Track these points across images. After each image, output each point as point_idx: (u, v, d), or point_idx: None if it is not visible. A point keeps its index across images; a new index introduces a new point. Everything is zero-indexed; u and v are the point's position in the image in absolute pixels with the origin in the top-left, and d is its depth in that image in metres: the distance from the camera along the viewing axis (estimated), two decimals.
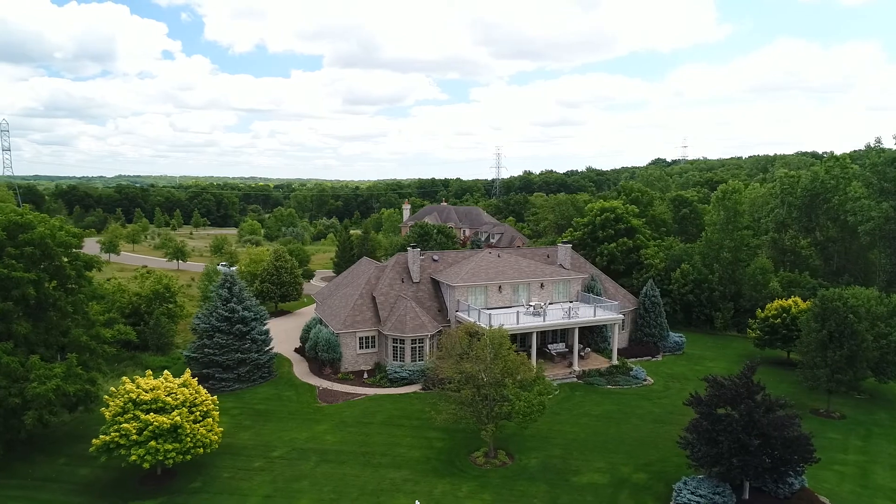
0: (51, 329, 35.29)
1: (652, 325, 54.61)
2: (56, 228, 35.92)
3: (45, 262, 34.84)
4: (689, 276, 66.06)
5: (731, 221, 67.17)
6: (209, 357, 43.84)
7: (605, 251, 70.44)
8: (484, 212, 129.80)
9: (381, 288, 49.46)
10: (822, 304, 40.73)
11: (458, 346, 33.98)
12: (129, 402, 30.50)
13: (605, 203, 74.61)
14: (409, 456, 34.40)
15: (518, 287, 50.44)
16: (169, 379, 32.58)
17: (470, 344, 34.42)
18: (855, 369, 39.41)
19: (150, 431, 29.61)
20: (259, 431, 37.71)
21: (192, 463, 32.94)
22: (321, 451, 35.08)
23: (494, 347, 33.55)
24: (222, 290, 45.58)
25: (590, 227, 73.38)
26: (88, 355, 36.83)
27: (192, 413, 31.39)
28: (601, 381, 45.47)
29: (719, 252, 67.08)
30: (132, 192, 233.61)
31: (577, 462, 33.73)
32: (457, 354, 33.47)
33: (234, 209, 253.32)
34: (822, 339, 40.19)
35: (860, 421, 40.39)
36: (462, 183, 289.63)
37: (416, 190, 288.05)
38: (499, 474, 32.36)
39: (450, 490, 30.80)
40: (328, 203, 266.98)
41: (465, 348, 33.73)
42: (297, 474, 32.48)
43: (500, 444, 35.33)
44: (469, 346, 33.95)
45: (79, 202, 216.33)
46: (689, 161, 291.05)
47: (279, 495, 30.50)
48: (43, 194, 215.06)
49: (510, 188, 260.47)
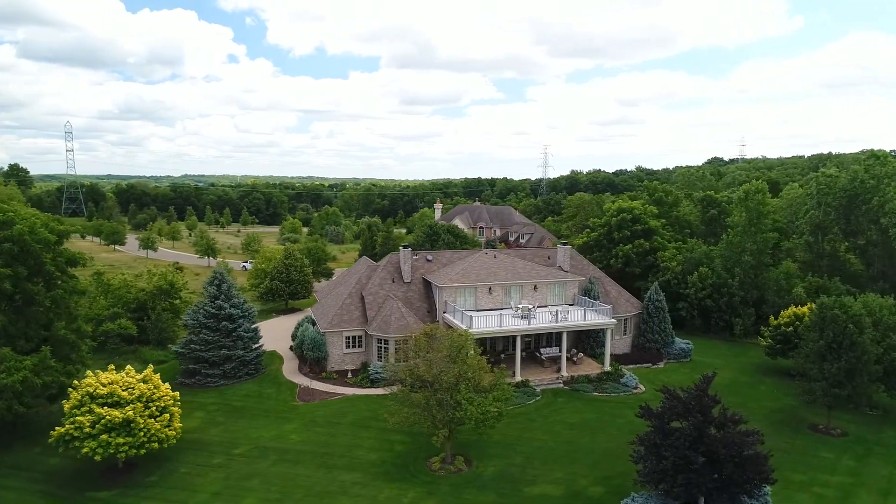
0: (31, 322, 36.59)
1: (655, 331, 52.37)
2: (37, 226, 37.07)
3: (27, 258, 36.05)
4: (707, 280, 63.19)
5: (755, 223, 63.75)
6: (195, 353, 44.66)
7: (620, 253, 68.20)
8: (516, 212, 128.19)
9: (371, 287, 49.27)
10: (821, 311, 38.00)
11: (413, 348, 33.31)
12: (87, 395, 31.29)
13: (622, 203, 72.23)
14: (366, 458, 34.01)
15: (510, 289, 49.27)
16: (130, 374, 33.25)
17: (430, 346, 33.72)
18: (854, 383, 36.52)
19: (103, 425, 30.29)
20: (229, 428, 38.10)
21: (155, 457, 33.62)
22: (282, 450, 35.11)
23: (454, 351, 32.76)
24: (211, 287, 46.37)
25: (606, 227, 71.25)
26: (68, 348, 37.99)
27: (147, 408, 31.91)
28: (588, 388, 43.87)
29: (741, 255, 63.80)
30: (186, 191, 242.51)
31: (536, 472, 32.54)
32: (412, 357, 32.78)
33: (282, 208, 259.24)
34: (818, 349, 37.50)
35: (862, 439, 37.45)
36: (508, 182, 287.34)
37: (463, 189, 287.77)
38: (450, 481, 31.55)
39: (395, 495, 30.22)
40: (375, 202, 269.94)
41: (418, 351, 33.04)
42: (251, 472, 32.59)
43: (462, 450, 34.51)
44: (428, 349, 33.24)
45: (137, 200, 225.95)
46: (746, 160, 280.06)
47: (227, 493, 30.66)
48: (104, 192, 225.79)
49: (556, 188, 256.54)
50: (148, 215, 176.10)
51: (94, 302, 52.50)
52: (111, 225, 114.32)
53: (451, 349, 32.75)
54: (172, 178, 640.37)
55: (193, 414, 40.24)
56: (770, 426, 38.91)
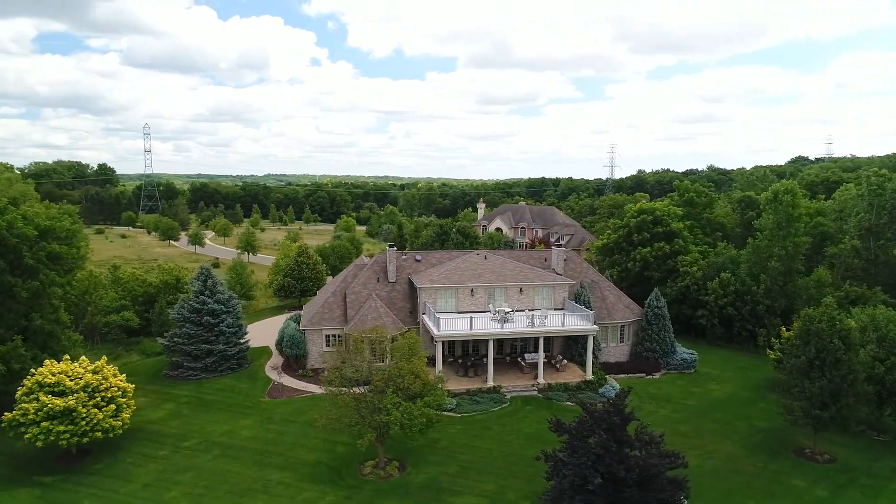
0: (9, 312, 38.70)
1: (653, 339, 49.43)
2: (17, 222, 38.99)
3: (6, 252, 38.10)
4: (729, 287, 59.22)
5: (784, 227, 59.14)
6: (178, 346, 46.00)
7: (638, 256, 64.96)
8: (560, 212, 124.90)
9: (355, 287, 49.12)
10: (804, 324, 34.55)
11: (344, 350, 32.79)
12: (36, 383, 32.71)
13: (644, 204, 68.81)
14: (304, 458, 33.83)
15: (494, 291, 47.83)
16: (84, 364, 34.51)
17: (372, 349, 33.12)
18: (840, 405, 32.91)
19: (45, 413, 31.56)
20: (189, 421, 38.92)
21: (108, 445, 34.86)
22: (228, 445, 35.49)
23: (391, 353, 32.07)
24: (197, 282, 47.62)
25: (625, 229, 68.09)
26: (46, 338, 39.98)
27: (92, 398, 32.99)
28: (562, 397, 41.88)
29: (768, 261, 59.35)
30: (254, 190, 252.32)
31: (467, 482, 31.29)
32: (341, 359, 32.31)
33: (346, 206, 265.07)
34: (800, 365, 34.12)
35: (850, 467, 33.72)
36: (571, 182, 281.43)
37: (526, 189, 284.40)
38: (375, 487, 30.84)
39: (314, 498, 29.85)
40: (436, 202, 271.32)
41: (346, 353, 32.50)
42: (188, 466, 33.11)
43: (401, 456, 33.72)
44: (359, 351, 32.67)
45: (209, 198, 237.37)
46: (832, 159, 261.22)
47: (157, 485, 31.24)
48: (178, 191, 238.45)
49: (621, 188, 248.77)
50: (212, 213, 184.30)
51: (105, 294, 55.20)
52: (166, 221, 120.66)
53: (388, 353, 32.00)
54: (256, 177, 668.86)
55: (163, 405, 41.49)
56: (748, 447, 35.90)
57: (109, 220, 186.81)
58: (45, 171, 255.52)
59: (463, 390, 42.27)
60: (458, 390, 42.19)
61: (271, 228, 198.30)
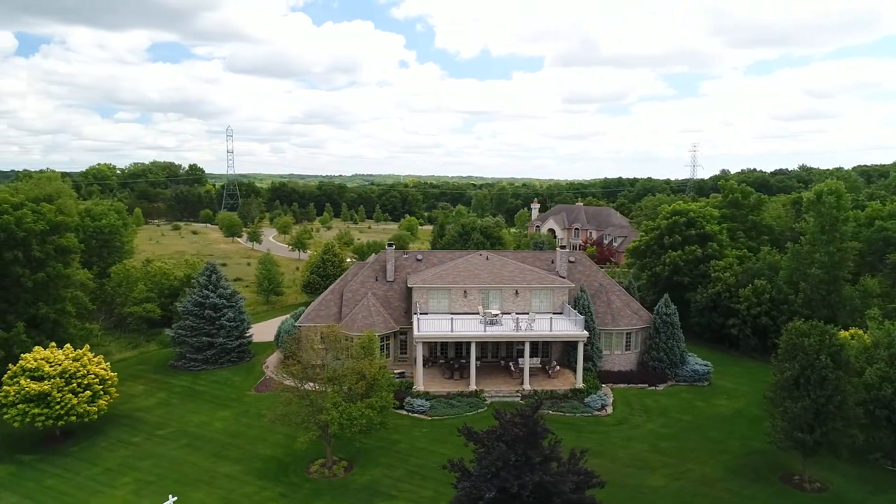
0: (17, 301, 41.64)
1: (660, 349, 46.47)
2: (26, 218, 41.74)
3: (15, 244, 41.01)
4: (763, 295, 54.95)
5: (828, 231, 54.17)
6: (182, 338, 47.92)
7: (667, 259, 61.44)
8: (616, 213, 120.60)
9: (353, 285, 49.34)
10: (790, 337, 31.31)
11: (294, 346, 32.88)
12: (20, 368, 34.93)
13: (677, 205, 64.99)
14: (260, 453, 34.25)
15: (488, 293, 46.60)
16: (67, 351, 36.50)
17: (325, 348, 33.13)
18: (826, 428, 29.54)
19: (22, 395, 33.65)
20: (173, 410, 40.40)
21: (90, 429, 36.88)
22: (197, 435, 36.54)
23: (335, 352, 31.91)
24: (202, 276, 49.41)
25: (657, 231, 64.62)
26: (53, 326, 42.72)
27: (69, 384, 34.83)
28: (544, 405, 40.05)
29: (809, 267, 54.54)
30: (330, 189, 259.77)
31: (408, 486, 30.59)
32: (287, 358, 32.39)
33: (418, 206, 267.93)
34: (782, 383, 30.96)
35: (843, 499, 30.23)
36: (649, 182, 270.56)
37: (601, 190, 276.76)
38: (314, 486, 30.74)
39: (251, 493, 30.14)
40: (507, 202, 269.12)
41: (296, 350, 32.54)
42: (152, 453, 34.34)
43: (354, 456, 33.53)
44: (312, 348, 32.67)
45: (286, 197, 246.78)
46: None
47: (117, 470, 32.59)
48: (258, 189, 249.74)
49: (702, 189, 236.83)
50: (283, 211, 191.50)
51: (136, 286, 58.42)
52: (231, 218, 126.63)
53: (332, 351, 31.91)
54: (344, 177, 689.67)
55: (157, 394, 43.34)
56: (731, 469, 33.03)
57: (193, 218, 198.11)
58: (142, 171, 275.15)
59: (444, 393, 41.47)
60: (439, 392, 41.43)
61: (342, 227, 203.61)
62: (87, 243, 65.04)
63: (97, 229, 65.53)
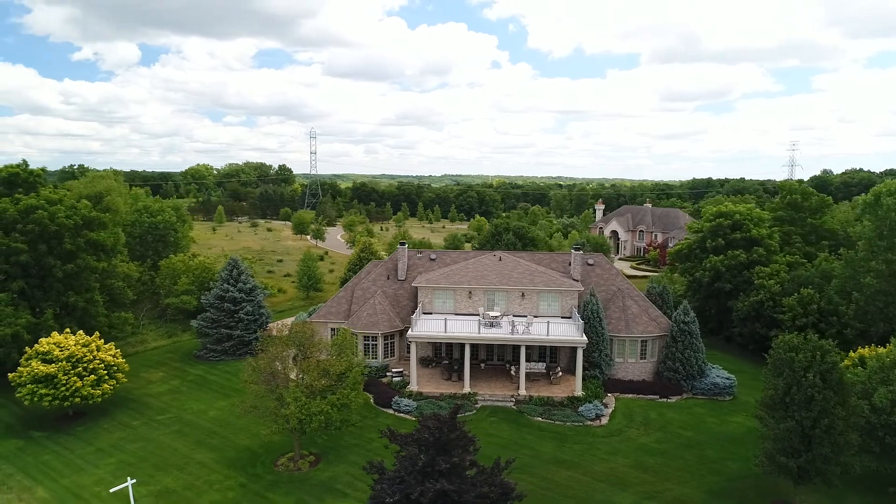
0: (49, 290, 45.13)
1: (675, 358, 43.66)
2: (59, 213, 45.03)
3: (48, 238, 44.47)
4: (810, 305, 50.64)
5: (886, 236, 49.13)
6: (203, 329, 50.23)
7: (708, 264, 57.69)
8: (686, 215, 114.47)
9: (364, 283, 49.80)
10: (777, 351, 28.52)
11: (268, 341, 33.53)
12: (35, 351, 37.84)
13: (723, 207, 60.82)
14: (240, 444, 35.29)
15: (494, 294, 45.60)
16: (78, 338, 39.13)
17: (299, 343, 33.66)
18: (812, 453, 26.63)
19: (32, 376, 36.42)
20: (178, 398, 42.40)
21: (100, 411, 39.47)
22: (189, 422, 38.17)
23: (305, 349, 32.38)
24: (224, 271, 51.54)
25: (700, 235, 60.83)
26: (82, 314, 45.98)
27: (75, 368, 37.34)
28: (535, 412, 38.77)
29: (864, 276, 49.63)
30: (409, 189, 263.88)
31: (363, 485, 30.29)
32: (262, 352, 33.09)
33: (496, 206, 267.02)
34: (767, 401, 28.26)
35: None
36: (739, 183, 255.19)
37: (687, 191, 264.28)
38: (274, 479, 31.29)
39: (216, 481, 31.15)
40: (587, 203, 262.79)
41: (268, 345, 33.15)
42: (143, 437, 36.21)
43: (326, 451, 33.88)
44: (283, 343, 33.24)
45: (366, 196, 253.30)
46: None
47: (107, 450, 34.63)
48: (340, 189, 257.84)
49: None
50: (358, 209, 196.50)
51: (180, 279, 61.84)
52: (300, 216, 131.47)
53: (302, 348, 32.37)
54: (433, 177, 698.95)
55: (171, 381, 45.65)
56: (715, 493, 30.66)
57: (275, 216, 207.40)
58: (236, 171, 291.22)
59: (437, 394, 41.02)
60: (432, 393, 41.02)
61: (416, 226, 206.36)
62: (142, 238, 69.87)
63: (152, 225, 70.00)
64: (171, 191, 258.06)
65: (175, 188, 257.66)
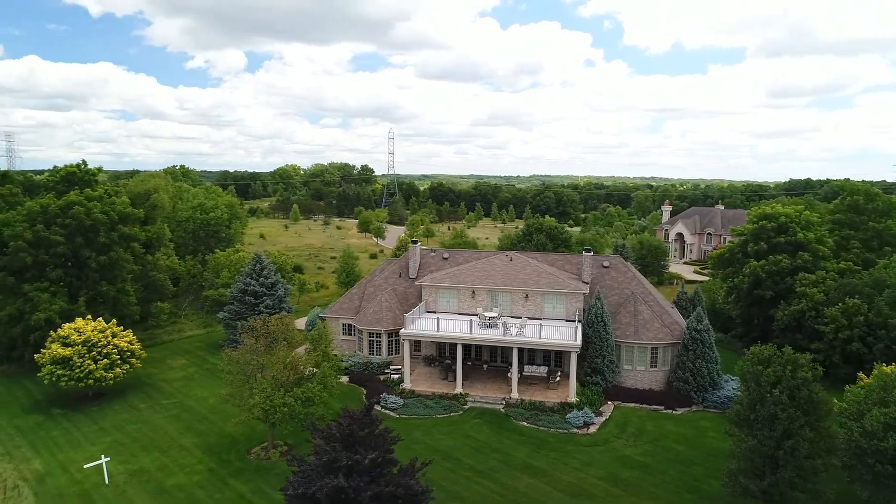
0: (85, 279, 48.81)
1: (686, 368, 41.15)
2: (94, 210, 48.51)
3: (86, 232, 48.11)
4: (856, 317, 46.46)
5: None
6: (226, 321, 52.60)
7: (747, 270, 53.93)
8: None
9: (376, 280, 50.38)
10: (746, 364, 26.29)
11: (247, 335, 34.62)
12: (58, 335, 41.05)
13: (767, 209, 56.60)
14: (223, 431, 36.70)
15: (497, 295, 44.81)
16: (100, 324, 42.09)
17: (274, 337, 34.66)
18: (777, 476, 24.35)
19: (50, 358, 39.57)
20: (189, 384, 44.66)
21: (117, 393, 42.38)
22: (188, 408, 40.16)
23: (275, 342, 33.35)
24: (248, 266, 53.71)
25: (743, 238, 56.96)
26: (114, 304, 49.40)
27: (89, 352, 40.19)
28: (521, 416, 37.78)
29: None
30: (485, 190, 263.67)
31: None
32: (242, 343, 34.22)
33: (574, 207, 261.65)
34: (732, 418, 26.14)
35: None
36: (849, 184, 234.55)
37: (782, 192, 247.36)
38: (240, 467, 32.31)
39: (189, 465, 32.58)
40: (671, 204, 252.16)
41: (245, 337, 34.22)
42: (143, 419, 38.46)
43: (302, 442, 34.46)
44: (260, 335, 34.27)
45: (442, 196, 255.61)
46: None
47: (108, 430, 37.06)
48: (417, 189, 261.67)
49: None
50: (430, 209, 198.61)
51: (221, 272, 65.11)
52: (366, 215, 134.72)
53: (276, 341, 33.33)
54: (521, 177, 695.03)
55: (188, 369, 48.23)
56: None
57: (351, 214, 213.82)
58: (320, 171, 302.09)
59: (429, 393, 40.88)
60: (424, 392, 40.93)
61: (489, 226, 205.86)
62: (195, 234, 74.10)
63: (205, 221, 74.10)
64: (259, 190, 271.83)
65: (263, 187, 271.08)
